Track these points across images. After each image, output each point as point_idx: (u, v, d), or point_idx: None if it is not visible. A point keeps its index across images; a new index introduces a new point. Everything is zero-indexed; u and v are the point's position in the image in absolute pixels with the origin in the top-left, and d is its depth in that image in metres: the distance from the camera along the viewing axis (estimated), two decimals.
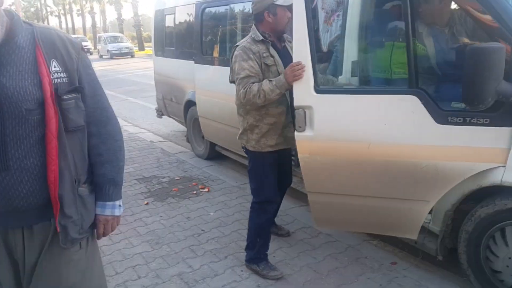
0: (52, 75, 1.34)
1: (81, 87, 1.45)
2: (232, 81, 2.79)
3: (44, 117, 1.33)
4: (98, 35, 39.07)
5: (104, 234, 1.64)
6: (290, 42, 2.82)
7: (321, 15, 2.96)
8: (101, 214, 1.59)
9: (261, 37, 2.69)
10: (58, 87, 1.36)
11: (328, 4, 2.95)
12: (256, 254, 2.90)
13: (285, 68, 2.61)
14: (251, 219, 2.94)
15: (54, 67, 1.36)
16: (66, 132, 1.39)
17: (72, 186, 1.44)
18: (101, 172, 1.56)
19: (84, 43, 31.52)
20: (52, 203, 1.39)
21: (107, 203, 1.60)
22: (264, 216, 2.88)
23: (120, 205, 1.64)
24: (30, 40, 1.34)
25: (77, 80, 1.43)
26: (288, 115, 2.76)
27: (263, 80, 2.61)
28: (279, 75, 2.62)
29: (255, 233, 2.90)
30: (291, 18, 2.63)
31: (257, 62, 2.63)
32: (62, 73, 1.37)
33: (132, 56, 29.39)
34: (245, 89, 2.58)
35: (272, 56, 2.70)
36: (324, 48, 3.20)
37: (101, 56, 30.82)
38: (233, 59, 2.70)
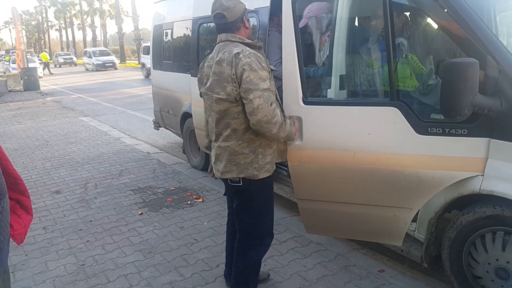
0: None
1: None
2: (227, 97, 2.23)
3: None
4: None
5: None
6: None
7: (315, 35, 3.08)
8: None
9: (258, 45, 2.34)
10: None
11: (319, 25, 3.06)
12: None
13: None
14: (247, 258, 2.52)
15: None
16: None
17: None
18: None
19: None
20: None
21: None
22: (264, 250, 2.59)
23: None
24: None
25: None
26: None
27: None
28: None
29: (251, 272, 2.55)
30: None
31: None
32: None
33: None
34: (272, 106, 2.20)
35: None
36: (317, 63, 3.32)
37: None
38: (241, 67, 2.16)
